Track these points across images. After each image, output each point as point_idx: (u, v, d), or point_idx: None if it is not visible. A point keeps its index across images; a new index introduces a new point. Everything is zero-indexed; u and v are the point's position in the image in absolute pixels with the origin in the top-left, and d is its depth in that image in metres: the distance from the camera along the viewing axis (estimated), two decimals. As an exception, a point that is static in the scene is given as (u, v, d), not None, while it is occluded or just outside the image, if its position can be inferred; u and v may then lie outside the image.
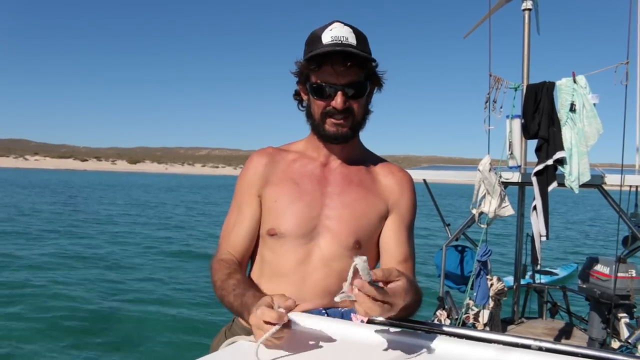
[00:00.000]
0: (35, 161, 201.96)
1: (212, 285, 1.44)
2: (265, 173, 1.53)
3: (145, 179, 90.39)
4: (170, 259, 12.86)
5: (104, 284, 9.73)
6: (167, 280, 10.35)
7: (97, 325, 7.25)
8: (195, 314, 7.98)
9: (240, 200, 1.55)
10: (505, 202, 4.20)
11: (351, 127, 1.45)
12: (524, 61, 4.79)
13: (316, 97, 1.43)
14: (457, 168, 6.04)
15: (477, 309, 4.53)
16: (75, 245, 14.29)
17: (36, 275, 10.24)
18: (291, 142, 1.65)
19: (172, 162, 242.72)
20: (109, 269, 11.37)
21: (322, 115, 1.44)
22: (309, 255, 1.45)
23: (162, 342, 6.80)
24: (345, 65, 1.35)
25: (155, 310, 8.14)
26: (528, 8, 4.78)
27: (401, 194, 1.54)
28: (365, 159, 1.59)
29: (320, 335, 1.17)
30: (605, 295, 4.34)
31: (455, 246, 4.82)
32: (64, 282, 9.66)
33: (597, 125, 3.91)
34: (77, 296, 8.65)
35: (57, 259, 12.25)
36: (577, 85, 3.95)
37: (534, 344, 1.13)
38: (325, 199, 1.48)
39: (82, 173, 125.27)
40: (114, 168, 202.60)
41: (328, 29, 1.39)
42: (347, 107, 1.41)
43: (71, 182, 61.02)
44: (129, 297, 8.87)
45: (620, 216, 4.19)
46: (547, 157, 3.97)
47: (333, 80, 1.38)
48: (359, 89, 1.41)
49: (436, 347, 1.14)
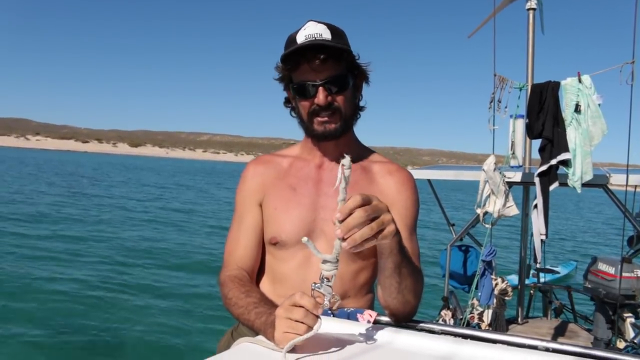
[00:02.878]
0: (36, 141, 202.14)
1: (223, 300, 1.42)
2: (263, 181, 1.53)
3: (153, 163, 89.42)
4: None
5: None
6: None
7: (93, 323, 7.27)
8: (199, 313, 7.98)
9: (241, 211, 1.54)
10: (509, 201, 4.20)
11: (339, 123, 1.42)
12: (528, 61, 4.78)
13: (299, 97, 1.42)
14: (460, 168, 6.04)
15: (481, 309, 4.52)
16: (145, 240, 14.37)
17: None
18: (286, 148, 1.65)
19: (173, 147, 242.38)
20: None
21: (309, 115, 1.42)
22: (309, 259, 1.44)
23: (165, 343, 6.81)
24: (320, 59, 1.34)
25: (158, 304, 8.16)
26: (532, 7, 4.77)
27: (399, 193, 1.49)
28: (362, 157, 1.55)
29: (326, 336, 1.17)
30: (611, 295, 4.33)
31: (459, 246, 4.83)
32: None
33: (602, 126, 3.90)
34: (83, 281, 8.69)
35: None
36: (583, 85, 3.94)
37: (540, 344, 1.14)
38: (321, 201, 1.46)
39: (84, 155, 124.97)
40: (115, 150, 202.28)
41: (302, 29, 1.38)
42: (330, 102, 1.39)
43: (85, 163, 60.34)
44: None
45: (626, 216, 4.17)
46: (551, 157, 3.96)
47: (312, 78, 1.37)
48: (341, 82, 1.39)
49: (441, 347, 1.14)
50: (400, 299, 1.27)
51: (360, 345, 1.15)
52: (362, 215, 0.99)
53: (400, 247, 1.18)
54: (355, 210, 0.99)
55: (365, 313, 1.37)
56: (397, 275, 1.23)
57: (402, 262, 1.21)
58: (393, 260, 1.19)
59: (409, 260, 1.25)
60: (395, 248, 1.17)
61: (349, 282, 1.46)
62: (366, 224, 1.00)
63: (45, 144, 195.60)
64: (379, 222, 1.02)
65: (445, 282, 4.77)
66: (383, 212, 1.05)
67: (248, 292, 1.37)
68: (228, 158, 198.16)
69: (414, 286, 1.29)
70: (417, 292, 1.32)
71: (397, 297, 1.27)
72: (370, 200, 1.02)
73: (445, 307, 4.68)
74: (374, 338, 1.18)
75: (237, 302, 1.36)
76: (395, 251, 1.17)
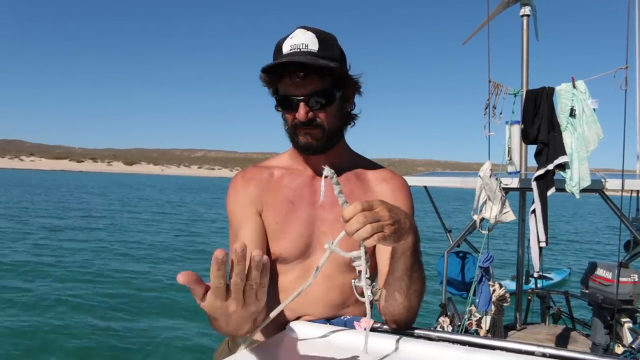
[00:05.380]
0: (30, 162, 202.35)
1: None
2: (257, 192, 1.45)
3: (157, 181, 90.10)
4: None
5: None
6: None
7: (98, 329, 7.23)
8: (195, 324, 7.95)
9: (239, 222, 1.43)
10: (506, 207, 4.20)
11: (321, 140, 1.35)
12: (523, 67, 4.80)
13: (282, 109, 1.37)
14: (456, 174, 6.05)
15: (479, 315, 4.51)
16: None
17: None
18: (271, 158, 1.57)
19: (168, 164, 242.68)
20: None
21: (293, 127, 1.37)
22: (307, 272, 1.40)
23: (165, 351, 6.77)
24: (300, 75, 1.27)
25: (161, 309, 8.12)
26: (526, 14, 4.81)
27: (394, 200, 1.41)
28: (355, 166, 1.50)
29: (324, 344, 1.17)
30: (608, 301, 4.33)
31: (456, 252, 4.82)
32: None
33: (597, 130, 3.92)
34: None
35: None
36: (577, 91, 3.96)
37: (537, 350, 1.13)
38: (318, 214, 1.43)
39: (79, 174, 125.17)
40: (109, 169, 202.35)
41: (289, 37, 1.32)
42: (312, 118, 1.32)
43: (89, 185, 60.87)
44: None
45: (622, 221, 4.18)
46: (548, 161, 3.97)
47: (294, 92, 1.31)
48: (324, 97, 1.32)
49: (439, 354, 1.13)
50: (406, 303, 1.27)
51: (357, 352, 1.14)
52: (361, 220, 1.01)
53: (414, 250, 1.19)
54: (355, 216, 1.01)
55: (362, 320, 1.36)
56: (408, 278, 1.22)
57: (413, 265, 1.21)
58: (405, 262, 1.20)
59: (420, 265, 1.25)
60: (408, 250, 1.18)
61: (348, 292, 1.45)
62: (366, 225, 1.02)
63: (39, 164, 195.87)
64: (379, 224, 1.03)
65: (442, 288, 4.76)
66: (384, 217, 1.05)
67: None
68: (223, 174, 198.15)
69: (421, 291, 1.29)
70: (422, 297, 1.31)
71: (404, 301, 1.26)
72: (372, 206, 1.04)
73: (443, 314, 4.66)
74: (370, 345, 1.18)
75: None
76: (408, 253, 1.19)
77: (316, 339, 1.22)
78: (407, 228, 1.11)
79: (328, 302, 1.42)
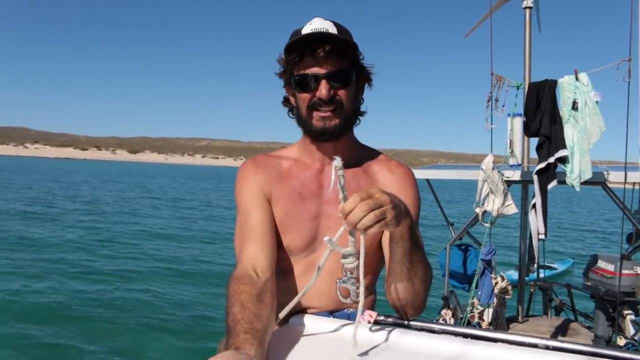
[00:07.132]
0: (35, 149, 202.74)
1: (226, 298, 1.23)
2: (267, 179, 1.45)
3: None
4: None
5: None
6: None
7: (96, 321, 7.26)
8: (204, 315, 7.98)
9: (248, 205, 1.42)
10: (508, 200, 4.20)
11: (340, 120, 1.37)
12: (525, 59, 4.79)
13: (300, 89, 1.37)
14: (459, 167, 6.04)
15: (482, 308, 4.52)
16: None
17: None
18: (281, 149, 1.58)
19: (172, 153, 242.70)
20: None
21: (308, 109, 1.37)
22: (312, 266, 1.41)
23: (168, 346, 6.80)
24: (326, 50, 1.30)
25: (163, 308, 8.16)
26: (529, 6, 4.79)
27: (400, 191, 1.40)
28: (362, 158, 1.51)
29: (326, 336, 1.17)
30: (611, 293, 4.33)
31: (459, 245, 4.82)
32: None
33: (600, 123, 3.90)
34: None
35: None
36: (580, 83, 3.95)
37: (540, 342, 1.14)
38: (324, 209, 1.44)
39: (83, 162, 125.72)
40: (114, 157, 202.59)
41: (308, 24, 1.36)
42: (332, 96, 1.34)
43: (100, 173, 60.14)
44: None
45: (625, 213, 4.18)
46: (549, 155, 3.96)
47: (315, 70, 1.33)
48: (344, 76, 1.35)
49: (442, 346, 1.14)
50: (411, 287, 1.28)
51: (359, 344, 1.14)
52: (364, 209, 1.04)
53: (412, 233, 1.22)
54: (356, 206, 1.04)
55: (366, 313, 1.37)
56: (408, 261, 1.25)
57: (412, 248, 1.24)
58: (403, 245, 1.23)
59: (420, 248, 1.28)
60: (405, 233, 1.20)
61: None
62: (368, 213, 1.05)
63: (44, 151, 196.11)
64: (381, 210, 1.06)
65: (445, 281, 4.77)
66: (385, 202, 1.08)
67: (242, 307, 1.16)
68: (227, 163, 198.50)
69: (425, 275, 1.30)
70: (427, 283, 1.33)
71: (408, 285, 1.28)
72: (371, 194, 1.07)
73: (445, 307, 4.67)
74: (373, 338, 1.18)
75: (231, 310, 1.16)
76: (406, 236, 1.21)
77: (320, 331, 1.23)
78: (404, 211, 1.16)
79: (332, 296, 1.42)
